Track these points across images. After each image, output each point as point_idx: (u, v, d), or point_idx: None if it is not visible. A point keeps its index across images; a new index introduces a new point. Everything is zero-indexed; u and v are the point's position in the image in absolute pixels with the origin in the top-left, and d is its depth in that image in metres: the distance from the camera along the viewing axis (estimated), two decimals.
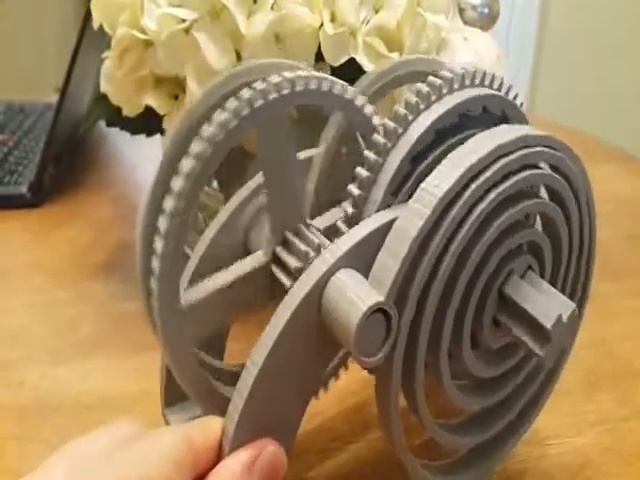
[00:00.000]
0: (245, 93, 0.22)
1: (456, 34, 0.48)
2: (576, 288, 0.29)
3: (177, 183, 0.22)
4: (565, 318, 0.23)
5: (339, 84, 0.24)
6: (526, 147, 0.23)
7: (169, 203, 0.22)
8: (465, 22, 0.54)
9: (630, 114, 1.54)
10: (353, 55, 0.37)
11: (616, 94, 1.57)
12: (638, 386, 0.38)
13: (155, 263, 0.22)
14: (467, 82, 0.25)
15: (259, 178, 0.28)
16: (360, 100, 0.25)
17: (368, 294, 0.20)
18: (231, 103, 0.22)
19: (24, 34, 1.55)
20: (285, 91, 0.22)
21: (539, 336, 0.23)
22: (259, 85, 0.22)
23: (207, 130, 0.22)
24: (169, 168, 0.23)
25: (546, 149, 0.24)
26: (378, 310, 0.21)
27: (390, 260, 0.21)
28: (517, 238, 0.24)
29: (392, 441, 0.25)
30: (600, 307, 0.46)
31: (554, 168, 0.25)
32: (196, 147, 0.21)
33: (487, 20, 0.61)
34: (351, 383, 0.37)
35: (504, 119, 0.26)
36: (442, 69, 0.25)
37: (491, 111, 0.25)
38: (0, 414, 0.35)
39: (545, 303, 0.23)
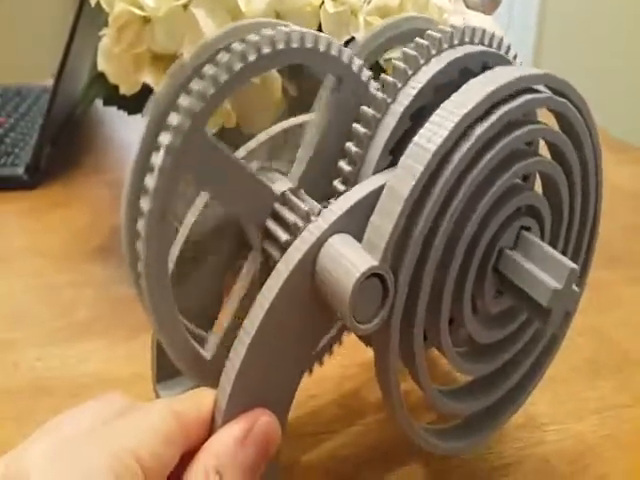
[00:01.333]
0: (238, 46, 0.21)
1: (458, 17, 0.47)
2: (580, 248, 0.28)
3: (175, 118, 0.21)
4: (562, 285, 0.22)
5: (336, 46, 0.23)
6: (525, 92, 0.22)
7: (165, 138, 0.21)
8: (468, 6, 0.53)
9: (629, 103, 1.53)
10: (354, 34, 0.36)
11: (616, 83, 1.56)
12: (638, 373, 0.38)
13: (145, 203, 0.21)
14: (476, 39, 0.24)
15: (251, 145, 0.27)
16: (357, 64, 0.24)
17: (361, 259, 0.20)
18: (237, 45, 0.21)
19: (21, 19, 1.54)
20: (280, 46, 0.21)
21: (538, 312, 0.23)
22: (252, 38, 0.21)
23: (211, 69, 0.21)
24: (155, 130, 0.22)
25: (547, 94, 0.23)
26: (373, 275, 0.20)
27: (383, 222, 0.20)
28: (517, 200, 0.23)
29: (394, 412, 0.24)
30: (599, 295, 0.45)
31: (555, 112, 0.24)
32: (196, 85, 0.21)
33: (490, 4, 0.61)
34: (347, 368, 0.36)
35: None
36: (434, 29, 0.24)
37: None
38: None
39: (540, 275, 0.22)
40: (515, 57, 0.25)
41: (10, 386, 0.35)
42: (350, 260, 0.20)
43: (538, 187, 0.26)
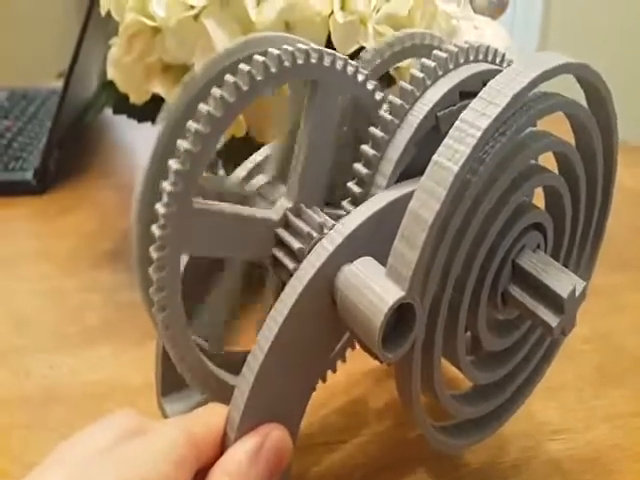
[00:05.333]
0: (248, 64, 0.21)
1: (466, 22, 0.47)
2: (583, 250, 0.28)
3: (183, 144, 0.21)
4: (562, 316, 0.23)
5: (341, 60, 0.24)
6: (543, 97, 0.22)
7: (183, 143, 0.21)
8: (474, 10, 0.53)
9: (634, 104, 1.53)
10: (363, 44, 0.36)
11: (619, 84, 1.56)
12: None
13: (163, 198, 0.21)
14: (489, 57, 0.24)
15: (258, 157, 0.27)
16: (362, 76, 0.24)
17: (389, 291, 0.20)
18: (244, 65, 0.22)
19: (24, 20, 1.54)
20: (286, 63, 0.22)
21: (553, 307, 0.23)
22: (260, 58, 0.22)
23: (217, 92, 0.21)
24: (168, 141, 0.22)
25: (565, 99, 0.23)
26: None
27: (408, 251, 0.20)
28: (526, 219, 0.23)
29: (415, 421, 0.25)
30: (607, 300, 0.45)
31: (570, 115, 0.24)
32: (206, 107, 0.21)
33: (497, 9, 0.61)
34: (351, 375, 0.36)
35: None
36: (441, 44, 0.24)
37: None
38: (7, 403, 0.35)
39: (540, 314, 0.23)
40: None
41: (22, 393, 0.35)
42: (376, 292, 0.20)
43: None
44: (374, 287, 0.20)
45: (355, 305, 0.20)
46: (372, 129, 0.23)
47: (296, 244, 0.23)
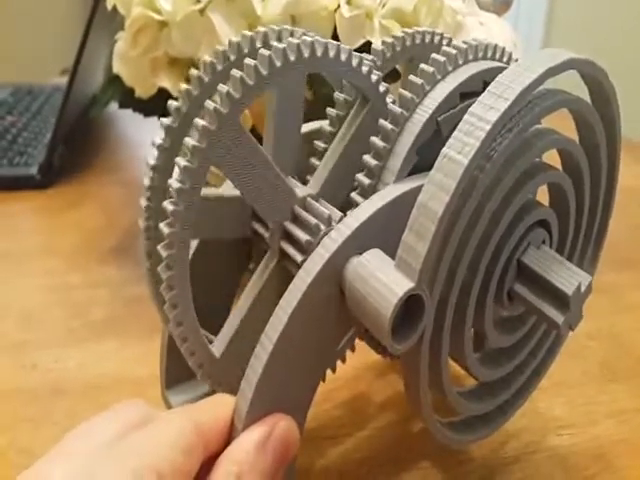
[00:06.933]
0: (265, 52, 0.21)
1: (472, 18, 0.47)
2: (587, 245, 0.28)
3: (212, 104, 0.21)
4: (567, 312, 0.23)
5: (357, 58, 0.24)
6: (548, 95, 0.22)
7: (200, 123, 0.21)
8: (479, 7, 0.53)
9: (637, 99, 1.53)
10: (369, 38, 0.36)
11: (622, 82, 1.56)
12: None
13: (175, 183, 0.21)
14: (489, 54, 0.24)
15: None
16: (375, 75, 0.24)
17: (398, 282, 0.20)
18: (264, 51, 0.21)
19: (29, 16, 1.54)
20: (305, 55, 0.22)
21: (559, 304, 0.23)
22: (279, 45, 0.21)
23: (251, 62, 0.21)
24: (176, 135, 0.22)
25: (566, 96, 0.23)
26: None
27: (417, 243, 0.20)
28: (532, 216, 0.24)
29: (421, 414, 0.25)
30: (611, 298, 0.45)
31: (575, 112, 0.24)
32: (225, 88, 0.21)
33: (502, 6, 0.61)
34: (358, 369, 0.37)
35: None
36: (450, 44, 0.24)
37: None
38: (14, 396, 0.35)
39: (547, 311, 0.23)
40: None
41: (28, 387, 0.35)
42: (385, 284, 0.20)
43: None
44: (383, 279, 0.20)
45: (364, 297, 0.20)
46: (373, 139, 0.23)
47: (313, 220, 0.23)
